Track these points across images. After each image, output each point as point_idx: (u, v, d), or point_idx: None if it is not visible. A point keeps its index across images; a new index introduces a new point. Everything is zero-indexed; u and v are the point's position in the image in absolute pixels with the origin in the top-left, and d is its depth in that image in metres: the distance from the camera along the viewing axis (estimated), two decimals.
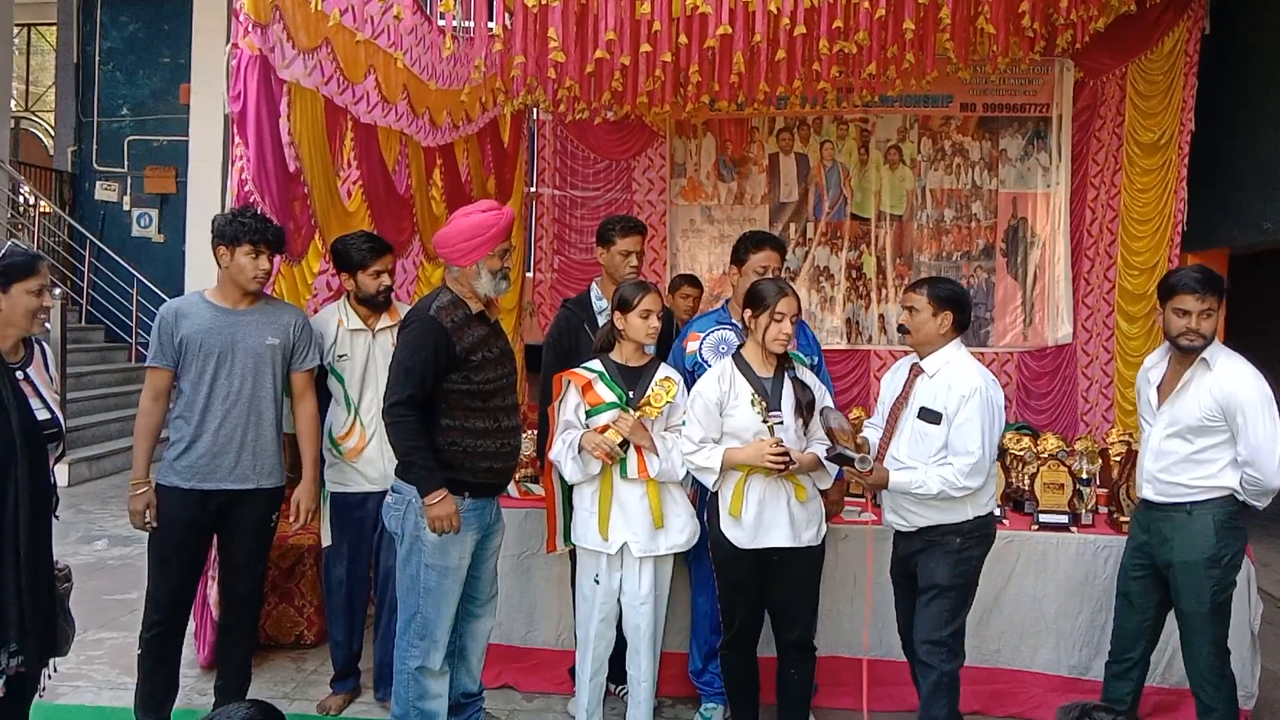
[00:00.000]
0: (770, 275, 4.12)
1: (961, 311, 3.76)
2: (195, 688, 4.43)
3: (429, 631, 3.75)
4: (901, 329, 3.88)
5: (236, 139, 4.14)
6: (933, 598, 3.68)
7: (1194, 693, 3.82)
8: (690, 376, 4.14)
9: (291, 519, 4.06)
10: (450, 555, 3.72)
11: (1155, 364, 3.89)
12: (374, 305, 4.24)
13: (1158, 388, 3.82)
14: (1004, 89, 7.55)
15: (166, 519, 3.77)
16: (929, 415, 3.69)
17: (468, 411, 3.72)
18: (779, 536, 3.75)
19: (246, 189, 4.03)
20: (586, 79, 5.35)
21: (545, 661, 4.64)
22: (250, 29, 4.07)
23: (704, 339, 4.28)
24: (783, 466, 3.61)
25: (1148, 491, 3.81)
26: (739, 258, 4.27)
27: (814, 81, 5.77)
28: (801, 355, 4.11)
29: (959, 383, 3.65)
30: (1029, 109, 7.62)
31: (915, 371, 3.82)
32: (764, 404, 3.72)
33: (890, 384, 3.96)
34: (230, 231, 3.75)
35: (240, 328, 3.82)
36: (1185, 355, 3.72)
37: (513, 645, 4.64)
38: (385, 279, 4.23)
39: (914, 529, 3.77)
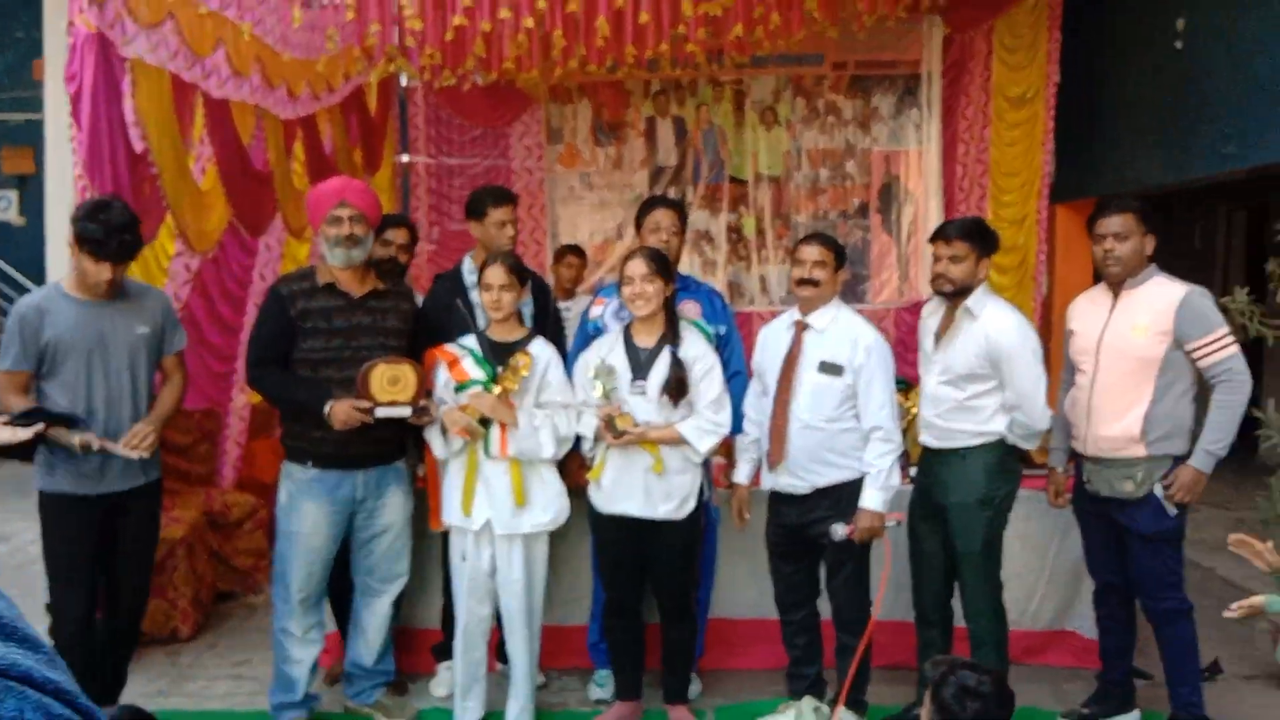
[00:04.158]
0: (664, 235, 4.17)
1: (844, 267, 3.96)
2: None
3: (282, 593, 3.91)
4: (809, 282, 3.83)
5: (72, 122, 3.95)
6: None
7: (968, 627, 3.97)
8: (591, 341, 4.16)
9: (125, 443, 3.64)
10: (292, 520, 3.85)
11: (932, 313, 4.03)
12: None
13: (936, 336, 3.94)
14: (874, 46, 7.53)
15: (60, 527, 3.64)
16: (830, 369, 3.76)
17: (298, 379, 3.82)
18: (633, 505, 3.84)
19: (77, 172, 3.85)
20: (448, 46, 5.21)
21: (424, 641, 4.59)
22: (87, 5, 3.84)
23: (608, 305, 4.27)
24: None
25: (926, 438, 3.95)
26: (637, 221, 4.33)
27: (682, 44, 5.72)
28: (704, 324, 4.13)
29: (860, 335, 3.79)
30: (899, 65, 7.66)
31: (801, 327, 3.85)
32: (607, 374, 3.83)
33: (771, 344, 3.97)
34: (76, 231, 3.52)
35: (108, 320, 3.64)
36: (950, 302, 3.89)
37: None
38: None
39: (811, 489, 3.82)
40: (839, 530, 3.72)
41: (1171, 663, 3.85)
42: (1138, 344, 3.74)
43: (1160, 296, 3.75)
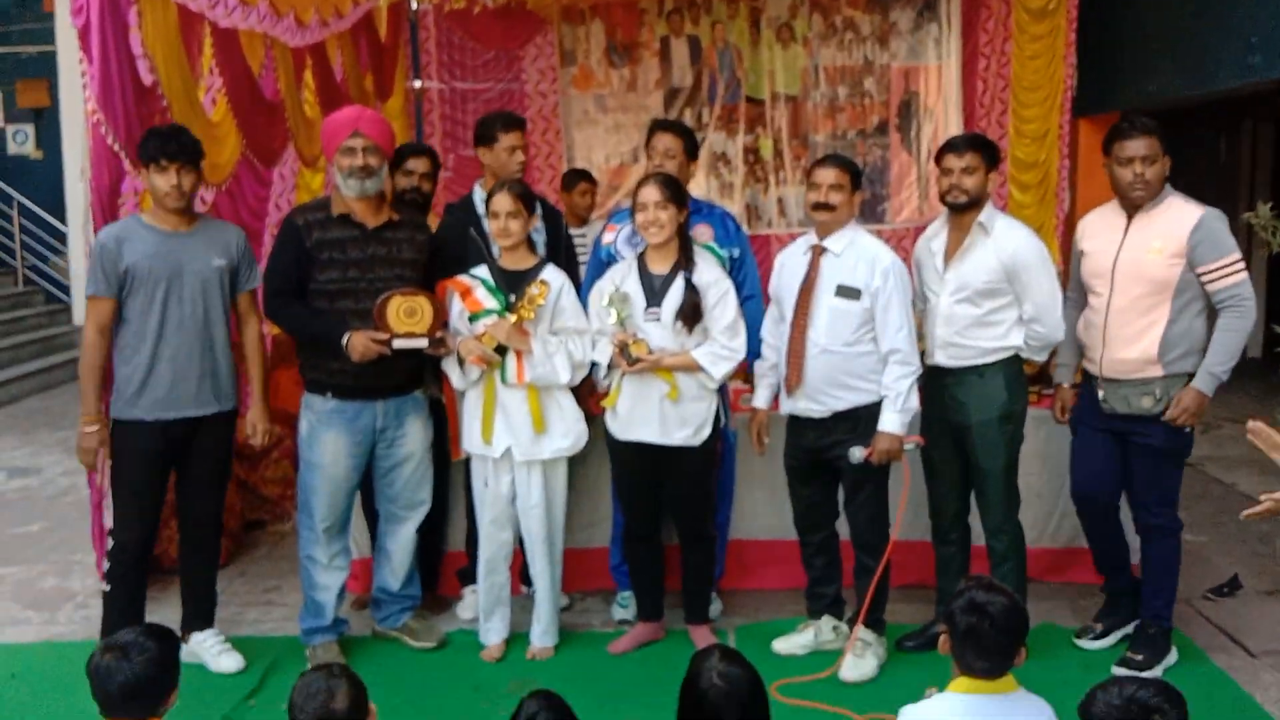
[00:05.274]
0: (670, 161, 4.12)
1: (861, 189, 3.94)
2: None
3: (306, 521, 3.98)
4: (825, 206, 3.80)
5: (82, 56, 3.92)
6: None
7: (988, 544, 4.01)
8: (605, 268, 4.15)
9: (254, 440, 4.08)
10: (314, 451, 3.92)
11: (936, 234, 3.99)
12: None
13: (944, 255, 3.91)
14: None
15: (131, 455, 3.74)
16: (848, 292, 3.75)
17: (315, 311, 3.85)
18: (648, 432, 3.86)
19: (90, 107, 3.83)
20: None
21: (450, 565, 4.66)
22: None
23: (620, 231, 4.25)
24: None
25: (940, 358, 3.93)
26: (646, 145, 4.29)
27: None
28: (717, 248, 4.11)
29: (878, 258, 3.76)
30: None
31: (819, 251, 3.84)
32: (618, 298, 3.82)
33: (788, 269, 3.96)
34: (141, 152, 3.66)
35: (185, 250, 3.74)
36: (958, 216, 3.86)
37: None
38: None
39: (830, 413, 3.83)
40: (857, 453, 3.74)
41: (1152, 575, 3.92)
42: (1154, 266, 3.71)
43: (1176, 219, 3.71)
